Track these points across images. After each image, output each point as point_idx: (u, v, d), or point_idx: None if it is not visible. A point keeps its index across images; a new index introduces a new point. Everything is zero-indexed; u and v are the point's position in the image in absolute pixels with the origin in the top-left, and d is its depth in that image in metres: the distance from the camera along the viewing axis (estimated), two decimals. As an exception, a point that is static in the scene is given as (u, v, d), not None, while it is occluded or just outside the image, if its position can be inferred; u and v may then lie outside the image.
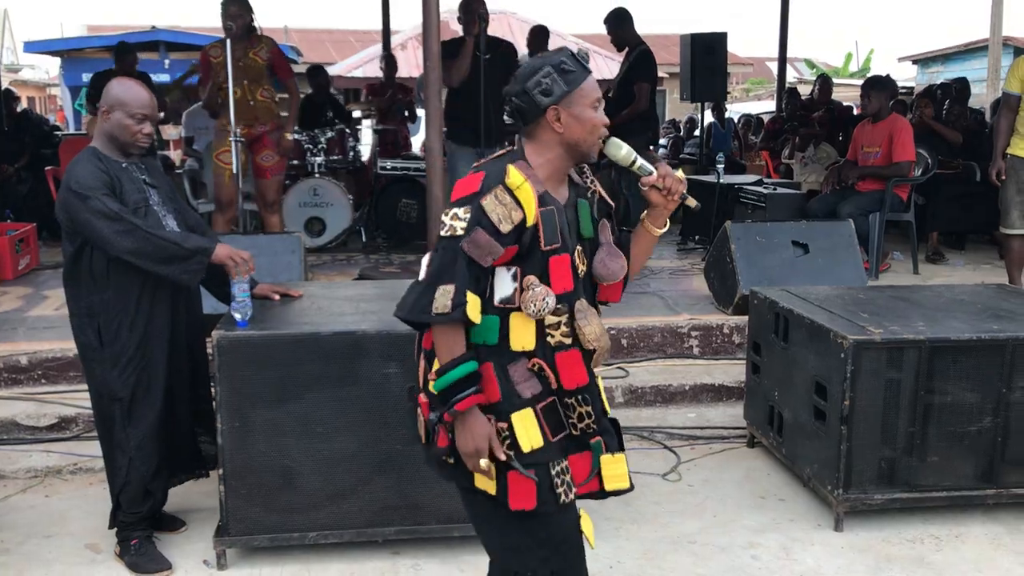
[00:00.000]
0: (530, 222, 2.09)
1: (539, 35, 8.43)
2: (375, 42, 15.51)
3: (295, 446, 3.11)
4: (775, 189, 7.10)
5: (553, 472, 2.15)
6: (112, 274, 3.06)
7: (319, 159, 7.67)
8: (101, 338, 3.10)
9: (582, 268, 2.21)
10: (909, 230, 6.83)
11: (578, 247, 2.21)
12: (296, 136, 7.69)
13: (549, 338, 2.15)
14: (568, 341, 2.16)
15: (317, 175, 7.55)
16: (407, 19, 29.77)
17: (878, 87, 6.81)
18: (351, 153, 8.05)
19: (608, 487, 2.27)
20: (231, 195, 5.96)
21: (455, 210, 2.10)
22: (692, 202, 2.26)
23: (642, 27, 7.28)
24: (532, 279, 2.12)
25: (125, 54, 8.25)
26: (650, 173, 2.22)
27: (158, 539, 3.31)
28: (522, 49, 9.15)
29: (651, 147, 8.70)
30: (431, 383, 2.13)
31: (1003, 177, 5.74)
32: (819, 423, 3.57)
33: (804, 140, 8.62)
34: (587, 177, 2.31)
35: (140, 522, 3.22)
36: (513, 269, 2.12)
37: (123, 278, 3.07)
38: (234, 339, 3.03)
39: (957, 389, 3.43)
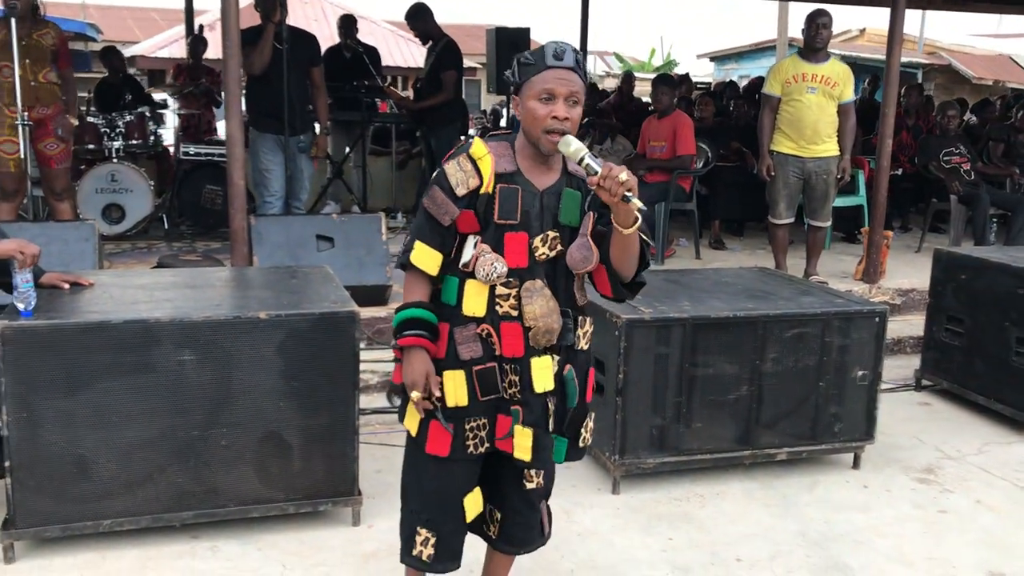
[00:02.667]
0: (484, 190, 2.28)
1: (348, 22, 8.52)
2: (181, 21, 14.94)
3: (88, 435, 3.09)
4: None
5: (467, 427, 2.39)
6: None
7: (117, 143, 7.44)
8: None
9: (544, 252, 2.33)
10: (692, 218, 7.39)
11: (551, 232, 2.33)
12: (92, 119, 7.40)
13: (498, 307, 2.33)
14: (514, 313, 2.34)
15: (115, 160, 7.30)
16: (216, -3, 28.63)
17: (669, 84, 7.32)
18: (152, 137, 7.83)
19: (515, 455, 2.41)
20: (16, 184, 5.70)
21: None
22: (636, 204, 2.14)
23: (450, 18, 7.48)
24: (484, 247, 2.30)
25: None
26: (595, 172, 2.16)
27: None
28: (334, 35, 9.18)
29: (461, 136, 8.97)
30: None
31: (772, 173, 6.29)
32: (598, 396, 3.86)
33: (602, 132, 9.10)
34: None
35: None
36: (476, 238, 2.31)
37: None
38: (18, 328, 2.98)
39: (718, 362, 3.81)
